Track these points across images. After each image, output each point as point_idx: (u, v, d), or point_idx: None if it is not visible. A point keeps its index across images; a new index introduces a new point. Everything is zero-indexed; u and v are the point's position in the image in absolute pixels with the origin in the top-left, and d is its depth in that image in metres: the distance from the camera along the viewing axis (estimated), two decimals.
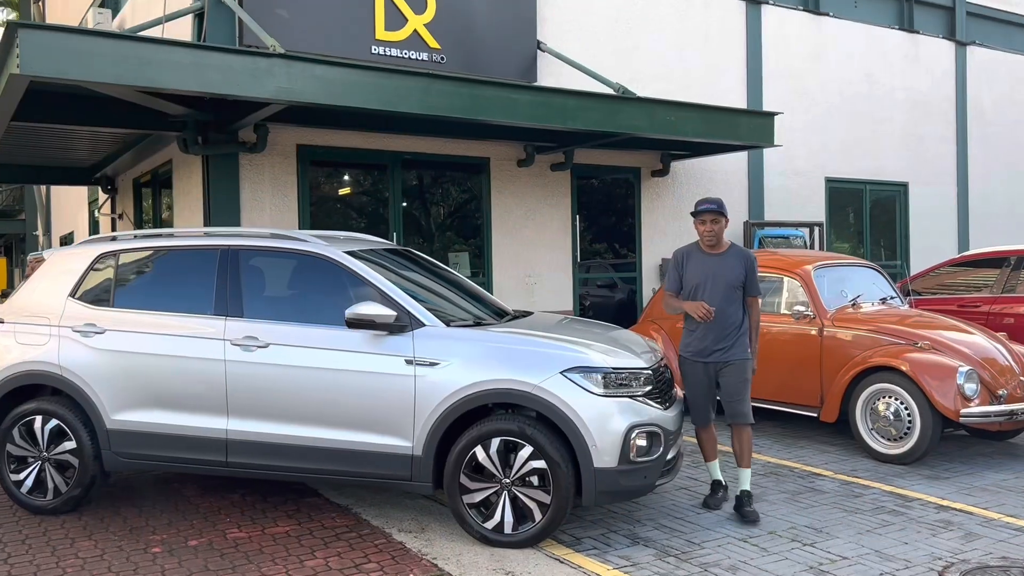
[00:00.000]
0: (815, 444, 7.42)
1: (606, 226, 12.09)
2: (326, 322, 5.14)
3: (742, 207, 13.13)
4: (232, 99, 8.21)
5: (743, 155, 12.97)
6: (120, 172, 13.77)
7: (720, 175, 12.85)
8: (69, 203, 19.66)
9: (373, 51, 9.94)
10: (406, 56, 10.12)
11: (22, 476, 5.52)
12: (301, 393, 5.06)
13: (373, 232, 10.33)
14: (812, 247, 12.94)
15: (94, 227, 16.18)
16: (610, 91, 10.24)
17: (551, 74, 11.14)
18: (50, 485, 5.48)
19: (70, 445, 5.43)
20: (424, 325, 5.02)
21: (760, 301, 5.70)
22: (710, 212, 5.51)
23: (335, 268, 5.28)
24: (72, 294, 5.63)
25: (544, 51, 10.95)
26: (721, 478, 5.80)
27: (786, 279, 7.78)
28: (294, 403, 5.07)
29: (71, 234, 19.44)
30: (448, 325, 5.10)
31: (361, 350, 5.01)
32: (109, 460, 5.41)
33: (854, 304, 7.59)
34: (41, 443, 5.48)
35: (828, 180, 14.07)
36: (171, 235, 5.84)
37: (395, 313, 4.95)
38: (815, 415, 7.36)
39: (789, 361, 7.52)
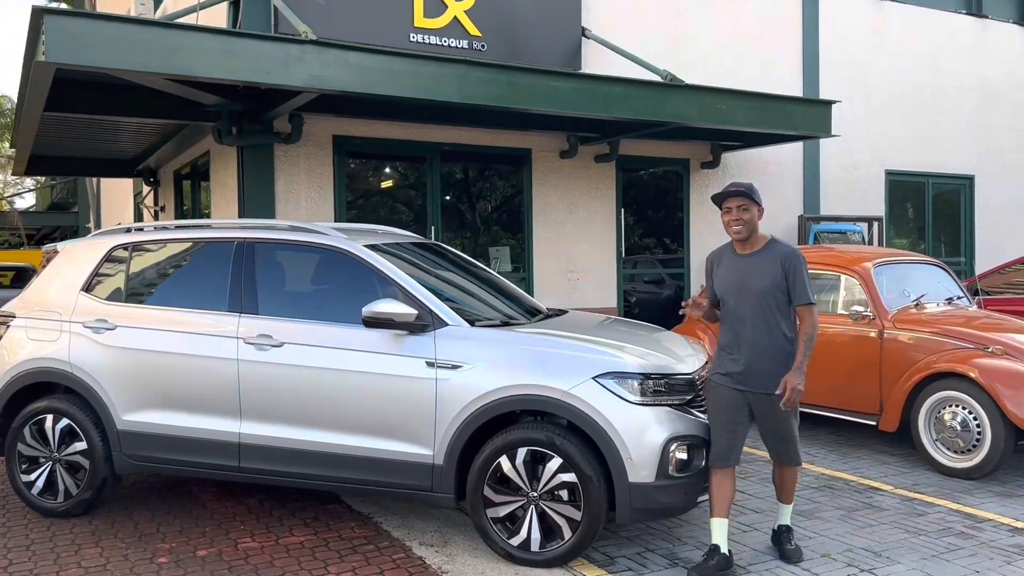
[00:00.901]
0: (873, 455, 6.91)
1: (653, 220, 11.64)
2: (344, 320, 4.82)
3: (797, 201, 12.56)
4: (264, 87, 7.98)
5: (798, 146, 12.40)
6: (162, 164, 13.70)
7: (773, 167, 12.30)
8: (118, 196, 19.78)
9: (411, 39, 9.63)
10: (445, 44, 9.80)
11: (33, 477, 5.31)
12: (316, 396, 4.75)
13: (411, 226, 10.04)
14: (871, 243, 12.32)
15: (139, 219, 16.19)
16: (657, 78, 9.79)
17: (596, 61, 10.72)
18: (61, 487, 5.26)
19: (81, 446, 5.20)
20: (447, 324, 4.67)
21: (815, 310, 4.39)
22: (735, 197, 4.39)
23: (354, 262, 4.95)
24: (84, 288, 5.40)
25: (589, 38, 10.54)
26: (723, 544, 4.38)
27: (843, 277, 7.27)
28: (309, 406, 4.76)
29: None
30: (473, 325, 4.74)
31: (379, 351, 4.68)
32: (120, 462, 5.16)
33: (917, 304, 7.06)
34: (52, 443, 5.27)
35: (888, 173, 13.41)
36: (186, 227, 5.57)
37: (415, 311, 4.61)
38: (873, 423, 6.86)
39: (846, 365, 7.02)
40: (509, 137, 10.35)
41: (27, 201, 42.17)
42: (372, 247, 5.05)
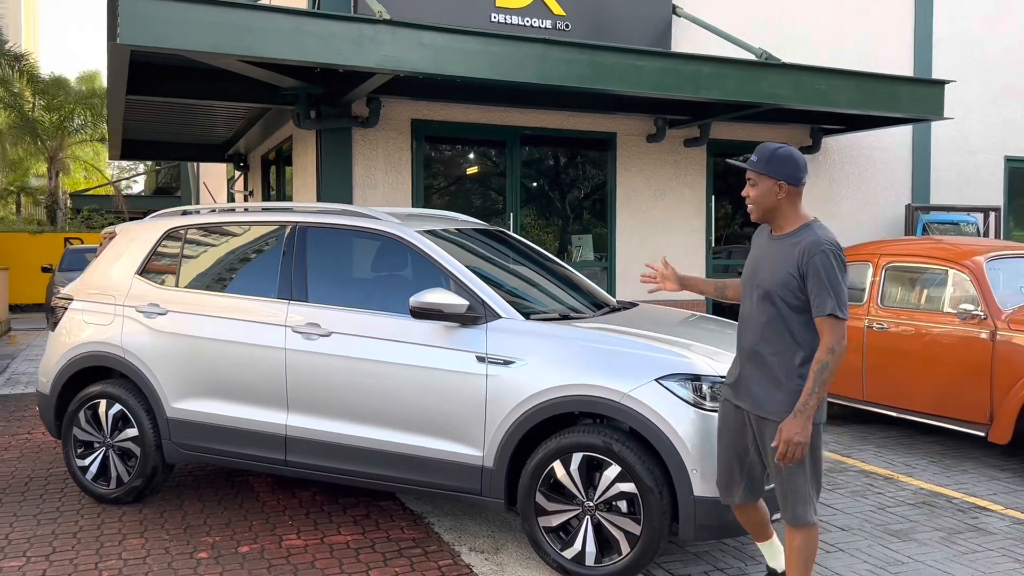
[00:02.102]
0: (981, 469, 6.26)
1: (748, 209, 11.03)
2: (394, 309, 4.55)
3: (905, 189, 11.73)
4: (340, 69, 7.82)
5: (907, 130, 11.57)
6: (251, 149, 13.83)
7: (879, 152, 11.51)
8: (215, 180, 20.20)
9: (492, 19, 9.33)
10: (528, 24, 9.45)
11: (87, 462, 5.25)
12: (362, 390, 4.50)
13: (489, 212, 9.75)
14: (986, 235, 11.39)
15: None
16: (751, 57, 9.21)
17: (687, 41, 10.19)
18: (113, 473, 5.18)
19: (132, 432, 5.10)
20: (500, 317, 4.34)
21: (834, 324, 3.21)
22: (749, 169, 3.52)
23: (406, 249, 4.67)
24: (139, 271, 5.30)
25: (680, 16, 10.00)
26: (778, 566, 3.84)
27: (951, 271, 6.61)
28: (355, 400, 4.52)
29: None
30: (528, 318, 4.39)
31: (428, 343, 4.39)
32: (170, 451, 5.04)
33: None
34: (105, 428, 5.19)
35: (1008, 159, 12.39)
36: (241, 210, 5.41)
37: (466, 302, 4.29)
38: (982, 434, 6.20)
39: (952, 369, 6.38)
40: (592, 120, 9.94)
41: (139, 186, 43.92)
42: (427, 233, 4.76)
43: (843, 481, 5.87)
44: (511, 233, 5.80)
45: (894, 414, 6.84)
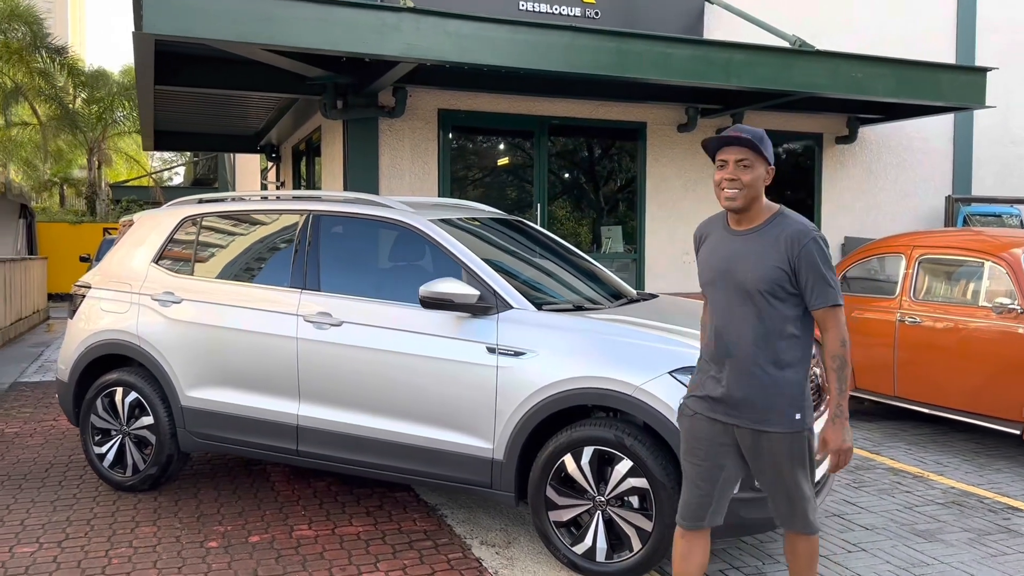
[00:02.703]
0: (1016, 468, 6.05)
1: (782, 201, 10.79)
2: (406, 299, 4.48)
3: (945, 180, 11.43)
4: (365, 58, 7.79)
5: (948, 119, 11.27)
6: (282, 140, 13.88)
7: (918, 142, 11.22)
8: (250, 171, 20.34)
9: (520, 7, 9.25)
10: (556, 12, 9.35)
11: (104, 449, 5.26)
12: (373, 380, 4.44)
13: (516, 202, 9.67)
14: None
15: None
16: (784, 44, 9.00)
17: (721, 28, 10.02)
18: (129, 461, 5.19)
19: (148, 420, 5.11)
20: (511, 307, 4.25)
21: (838, 314, 2.96)
22: (734, 146, 3.02)
23: (418, 238, 4.60)
24: (155, 260, 5.30)
25: (713, 3, 9.83)
26: None
27: (988, 264, 6.39)
28: (365, 391, 4.46)
29: None
30: (540, 308, 4.30)
31: (439, 333, 4.31)
32: (184, 439, 5.03)
33: None
34: (122, 416, 5.20)
35: None
36: (256, 198, 5.38)
37: (477, 292, 4.21)
38: (1017, 432, 6.00)
39: (986, 364, 6.17)
40: (622, 110, 9.81)
41: (180, 177, 44.50)
42: (441, 222, 4.69)
43: (870, 479, 5.70)
44: (530, 223, 5.71)
45: (926, 410, 6.65)
